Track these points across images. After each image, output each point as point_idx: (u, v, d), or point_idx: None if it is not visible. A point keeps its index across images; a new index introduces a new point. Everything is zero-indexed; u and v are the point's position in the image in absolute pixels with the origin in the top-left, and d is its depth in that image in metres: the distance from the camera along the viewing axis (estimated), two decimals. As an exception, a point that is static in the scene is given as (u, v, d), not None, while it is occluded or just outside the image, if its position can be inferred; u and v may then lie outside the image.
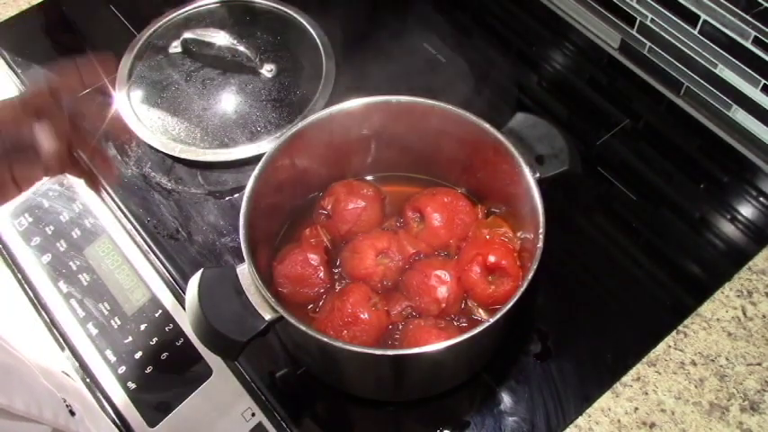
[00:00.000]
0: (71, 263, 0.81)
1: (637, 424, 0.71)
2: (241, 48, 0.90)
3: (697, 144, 0.90)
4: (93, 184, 0.69)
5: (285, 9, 0.98)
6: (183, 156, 0.86)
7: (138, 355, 0.75)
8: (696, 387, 0.73)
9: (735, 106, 0.88)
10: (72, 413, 0.68)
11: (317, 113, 0.73)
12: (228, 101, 0.90)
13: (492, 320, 0.61)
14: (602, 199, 0.86)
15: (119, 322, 0.77)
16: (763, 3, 0.77)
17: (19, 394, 0.61)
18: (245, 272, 0.63)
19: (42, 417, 0.63)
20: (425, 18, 1.02)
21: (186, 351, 0.75)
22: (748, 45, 0.81)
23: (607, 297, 0.78)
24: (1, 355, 0.65)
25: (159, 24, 0.97)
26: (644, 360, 0.74)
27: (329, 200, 0.76)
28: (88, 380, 0.75)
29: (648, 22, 0.91)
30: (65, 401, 0.68)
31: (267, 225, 0.74)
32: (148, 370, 0.74)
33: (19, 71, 0.96)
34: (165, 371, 0.74)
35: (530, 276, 0.62)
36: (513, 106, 0.92)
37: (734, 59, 0.84)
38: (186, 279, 0.67)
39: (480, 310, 0.72)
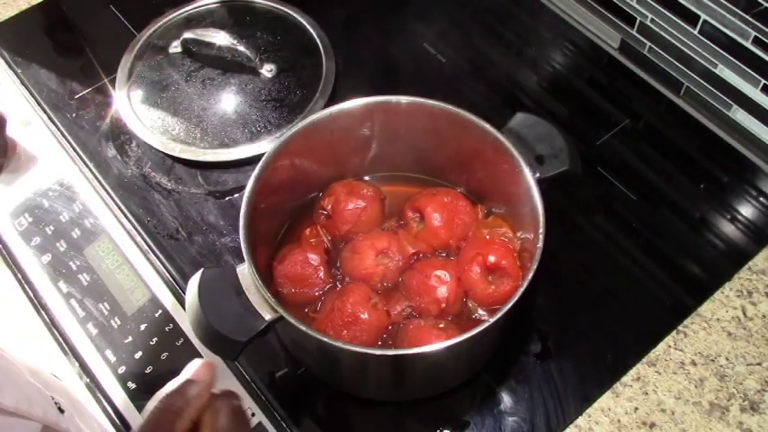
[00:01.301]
0: (71, 263, 0.81)
1: (637, 424, 0.71)
2: (241, 48, 0.90)
3: (697, 144, 0.90)
4: None
5: (285, 9, 0.98)
6: (183, 156, 0.86)
7: (138, 355, 0.75)
8: (696, 387, 0.73)
9: (735, 106, 0.88)
10: (61, 410, 0.68)
11: (317, 113, 0.73)
12: (228, 101, 0.90)
13: (492, 320, 0.61)
14: (602, 199, 0.86)
15: (119, 322, 0.77)
16: (763, 3, 0.77)
17: (8, 391, 0.62)
18: (245, 272, 0.63)
19: (32, 413, 0.63)
20: (425, 18, 1.02)
21: (186, 351, 0.75)
22: (748, 45, 0.81)
23: (607, 297, 0.78)
24: None
25: (159, 24, 0.97)
26: (644, 360, 0.74)
27: (329, 200, 0.76)
28: (88, 380, 0.75)
29: (648, 22, 0.91)
30: (53, 399, 0.68)
31: (267, 225, 0.74)
32: (148, 370, 0.74)
33: (19, 71, 0.96)
34: (165, 371, 0.74)
35: (530, 276, 0.62)
36: (513, 106, 0.92)
37: (734, 59, 0.84)
38: (186, 279, 0.67)
39: (480, 310, 0.72)
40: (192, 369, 0.50)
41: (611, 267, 0.80)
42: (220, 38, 0.90)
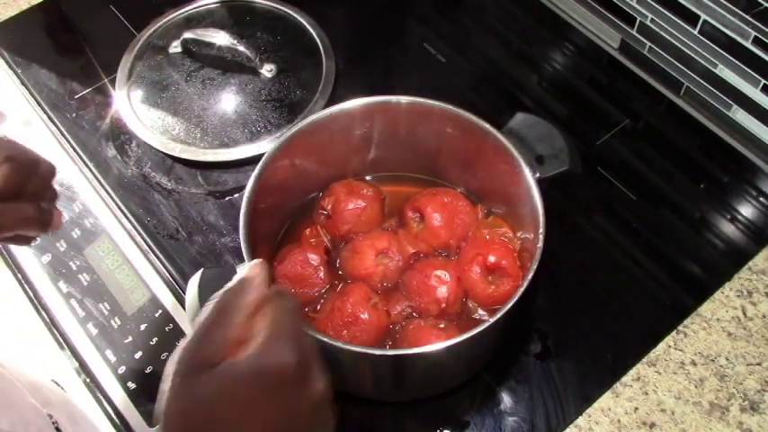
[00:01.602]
0: (71, 263, 0.81)
1: (637, 424, 0.71)
2: (241, 48, 0.90)
3: (697, 144, 0.90)
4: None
5: (285, 9, 0.98)
6: (183, 156, 0.86)
7: (138, 355, 0.75)
8: (696, 387, 0.73)
9: (735, 106, 0.88)
10: (58, 430, 0.68)
11: (317, 113, 0.73)
12: (228, 101, 0.90)
13: (492, 320, 0.61)
14: (602, 199, 0.86)
15: (119, 322, 0.77)
16: (763, 3, 0.77)
17: (4, 414, 0.61)
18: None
19: None
20: (425, 18, 1.02)
21: (186, 351, 0.75)
22: (748, 45, 0.81)
23: (607, 297, 0.78)
24: None
25: (159, 24, 0.97)
26: (644, 360, 0.74)
27: (329, 200, 0.76)
28: (88, 380, 0.75)
29: (648, 22, 0.91)
30: (51, 417, 0.68)
31: (267, 225, 0.74)
32: (148, 370, 0.74)
33: (19, 71, 0.96)
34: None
35: (530, 276, 0.62)
36: (513, 106, 0.92)
37: (734, 59, 0.84)
38: (186, 279, 0.67)
39: (480, 310, 0.72)
40: (245, 268, 0.49)
41: (611, 267, 0.80)
42: (220, 38, 0.90)
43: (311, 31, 0.96)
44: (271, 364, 0.44)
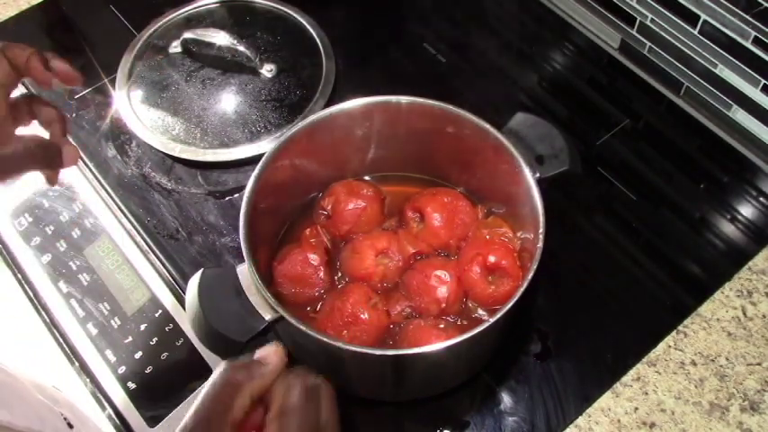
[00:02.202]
0: (71, 263, 0.81)
1: (637, 424, 0.71)
2: (241, 48, 0.90)
3: (697, 144, 0.90)
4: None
5: (285, 9, 0.98)
6: (183, 156, 0.86)
7: (138, 355, 0.75)
8: (696, 387, 0.73)
9: (735, 106, 0.88)
10: (70, 425, 0.68)
11: (317, 113, 0.73)
12: (228, 101, 0.90)
13: (492, 320, 0.61)
14: (602, 199, 0.86)
15: (119, 322, 0.77)
16: (763, 3, 0.77)
17: (20, 410, 0.62)
18: (245, 272, 0.63)
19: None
20: (425, 18, 1.02)
21: (186, 351, 0.75)
22: (748, 45, 0.81)
23: (607, 297, 0.78)
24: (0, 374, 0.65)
25: (159, 24, 0.97)
26: (644, 360, 0.74)
27: (329, 200, 0.76)
28: (88, 380, 0.75)
29: (648, 22, 0.91)
30: (62, 414, 0.68)
31: (267, 225, 0.74)
32: (148, 370, 0.74)
33: (19, 71, 0.96)
34: (165, 371, 0.74)
35: (530, 276, 0.62)
36: (514, 106, 0.92)
37: (734, 59, 0.84)
38: (186, 279, 0.67)
39: (480, 310, 0.72)
40: (262, 351, 0.49)
41: (611, 267, 0.80)
42: (220, 38, 0.90)
43: (311, 31, 0.96)
44: None
